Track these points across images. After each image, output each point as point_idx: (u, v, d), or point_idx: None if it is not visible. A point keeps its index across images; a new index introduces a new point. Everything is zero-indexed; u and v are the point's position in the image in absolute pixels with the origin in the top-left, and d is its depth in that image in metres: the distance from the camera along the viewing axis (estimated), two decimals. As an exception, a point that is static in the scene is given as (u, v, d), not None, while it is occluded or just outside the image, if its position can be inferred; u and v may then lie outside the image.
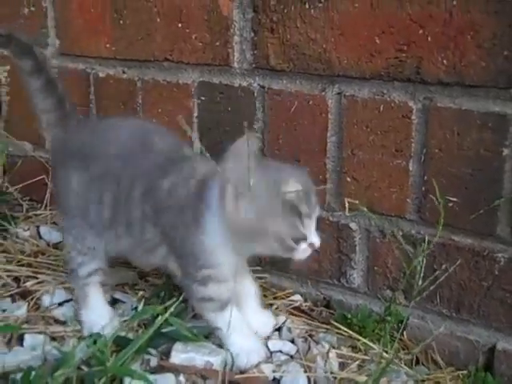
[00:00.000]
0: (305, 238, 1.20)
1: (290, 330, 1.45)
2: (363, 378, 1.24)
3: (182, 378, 1.24)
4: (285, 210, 1.16)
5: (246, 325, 1.33)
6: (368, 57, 1.34)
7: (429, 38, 1.26)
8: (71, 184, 1.37)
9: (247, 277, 1.40)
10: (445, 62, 1.25)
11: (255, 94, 1.53)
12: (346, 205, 1.38)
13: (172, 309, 1.27)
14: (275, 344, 1.39)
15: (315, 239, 1.22)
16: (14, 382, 1.13)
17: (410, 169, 1.35)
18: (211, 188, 1.22)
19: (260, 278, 1.59)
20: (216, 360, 1.28)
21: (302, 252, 1.22)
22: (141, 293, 1.55)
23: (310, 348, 1.37)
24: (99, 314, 1.41)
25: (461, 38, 1.22)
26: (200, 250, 1.24)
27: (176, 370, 1.26)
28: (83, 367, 1.20)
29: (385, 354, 1.31)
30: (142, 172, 1.30)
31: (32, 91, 1.48)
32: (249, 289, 1.40)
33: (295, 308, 1.54)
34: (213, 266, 1.25)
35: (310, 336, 1.43)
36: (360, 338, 1.40)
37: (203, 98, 1.62)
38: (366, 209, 1.36)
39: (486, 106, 1.23)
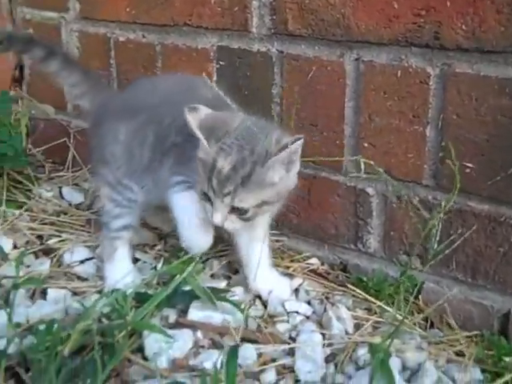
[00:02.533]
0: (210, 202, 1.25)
1: (307, 292, 1.48)
2: (377, 339, 1.27)
3: (199, 334, 1.28)
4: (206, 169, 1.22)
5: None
6: (386, 22, 1.34)
7: (448, 3, 1.25)
8: (118, 135, 1.44)
9: (258, 242, 1.42)
10: (464, 27, 1.25)
11: (273, 59, 1.53)
12: (362, 166, 1.38)
13: (190, 268, 1.30)
14: (292, 305, 1.41)
15: (215, 215, 1.24)
16: (37, 333, 1.16)
17: (427, 135, 1.35)
18: None
19: (277, 241, 1.62)
20: (233, 318, 1.32)
21: (207, 212, 1.27)
22: (160, 253, 1.60)
23: (325, 309, 1.40)
24: (122, 271, 1.44)
25: (480, 3, 1.22)
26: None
27: (193, 326, 1.29)
28: (104, 320, 1.23)
29: (399, 316, 1.34)
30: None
31: (53, 73, 1.58)
32: (259, 253, 1.42)
33: (312, 271, 1.57)
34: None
35: (326, 298, 1.45)
36: (375, 300, 1.43)
37: (222, 63, 1.63)
38: (381, 170, 1.37)
39: (504, 71, 1.23)
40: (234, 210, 1.23)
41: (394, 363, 1.21)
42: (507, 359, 1.22)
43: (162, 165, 1.38)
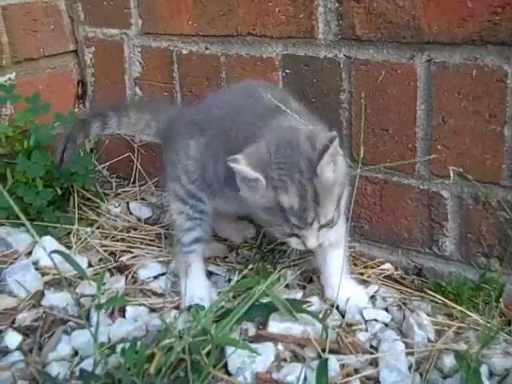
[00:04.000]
0: (298, 236, 1.23)
1: (384, 298, 1.45)
2: (462, 346, 1.24)
3: (280, 346, 1.27)
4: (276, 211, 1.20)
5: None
6: (459, 21, 1.31)
7: (525, -1, 1.23)
8: (190, 150, 1.45)
9: (334, 249, 1.41)
10: (542, 22, 1.22)
11: (341, 65, 1.52)
12: (451, 174, 1.37)
13: (269, 280, 1.30)
14: (370, 313, 1.39)
15: (309, 242, 1.23)
16: (123, 352, 1.17)
17: (505, 134, 1.32)
18: None
19: (349, 248, 1.59)
20: (312, 329, 1.31)
21: (295, 243, 1.25)
22: (232, 264, 1.60)
23: (404, 316, 1.37)
24: (199, 286, 1.45)
25: (559, -3, 1.19)
26: None
27: (274, 339, 1.28)
28: (185, 337, 1.23)
29: (482, 321, 1.31)
30: (245, 123, 1.35)
31: (117, 129, 1.67)
32: (337, 261, 1.40)
33: (386, 277, 1.55)
34: None
35: (404, 304, 1.43)
36: (455, 305, 1.40)
37: (288, 71, 1.62)
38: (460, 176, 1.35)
39: None
40: (322, 226, 1.23)
41: (482, 370, 1.18)
42: None
43: None
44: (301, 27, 1.56)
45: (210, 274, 1.56)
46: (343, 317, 1.39)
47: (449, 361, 1.22)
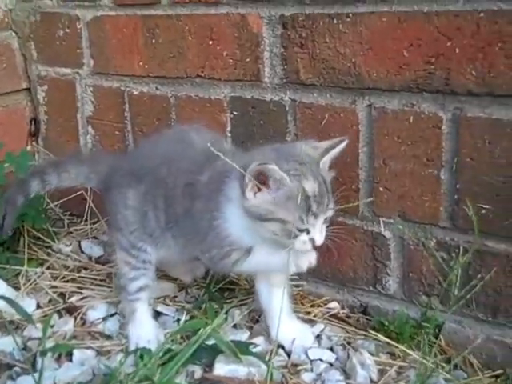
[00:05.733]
0: (307, 231, 1.26)
1: (329, 338, 1.48)
2: (403, 386, 1.27)
3: (226, 389, 1.29)
4: (297, 203, 1.22)
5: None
6: (397, 69, 1.37)
7: (457, 50, 1.28)
8: (128, 201, 1.47)
9: (279, 289, 1.42)
10: (473, 72, 1.27)
11: (286, 108, 1.56)
12: (381, 224, 1.43)
13: (214, 324, 1.31)
14: (315, 352, 1.42)
15: (318, 236, 1.27)
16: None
17: (442, 177, 1.37)
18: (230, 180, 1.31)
19: (297, 286, 1.62)
20: (258, 370, 1.32)
21: (302, 243, 1.27)
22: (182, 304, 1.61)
23: (348, 356, 1.40)
24: (145, 329, 1.46)
25: (489, 49, 1.24)
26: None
27: (220, 381, 1.30)
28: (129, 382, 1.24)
29: (424, 360, 1.34)
30: (182, 171, 1.39)
31: (57, 184, 1.65)
32: (280, 300, 1.42)
33: (332, 315, 1.57)
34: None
35: (349, 343, 1.45)
36: (397, 344, 1.43)
37: (236, 113, 1.66)
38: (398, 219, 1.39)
39: (515, 114, 1.25)
40: (325, 221, 1.29)
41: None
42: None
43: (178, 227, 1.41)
44: (247, 70, 1.60)
45: (158, 315, 1.57)
46: (289, 357, 1.41)
47: (389, 400, 1.25)
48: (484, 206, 1.32)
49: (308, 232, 1.26)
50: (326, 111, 1.50)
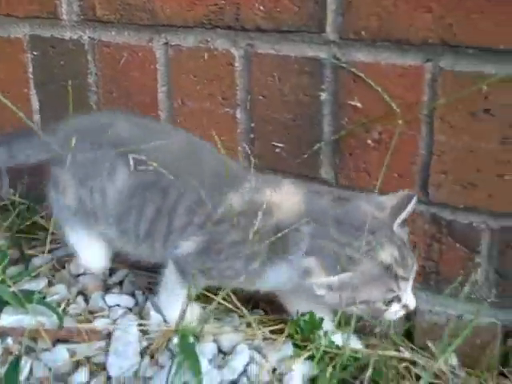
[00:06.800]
0: (399, 299, 1.12)
1: (132, 283, 1.45)
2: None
3: (9, 340, 1.23)
4: (380, 276, 1.08)
5: None
6: (189, 4, 1.32)
7: (244, -15, 1.25)
8: None
9: None
10: (261, 8, 1.25)
11: (86, 47, 1.48)
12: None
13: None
14: (113, 298, 1.38)
15: (410, 301, 1.13)
16: None
17: (238, 116, 1.35)
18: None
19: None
20: (49, 319, 1.27)
21: (394, 313, 1.13)
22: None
23: (147, 300, 1.37)
24: None
25: (272, -18, 1.22)
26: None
27: (4, 332, 1.24)
28: None
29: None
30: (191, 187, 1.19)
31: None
32: None
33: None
34: None
35: (150, 289, 1.42)
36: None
37: (36, 53, 1.56)
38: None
39: (302, 50, 1.24)
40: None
41: (209, 348, 1.21)
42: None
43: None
44: (44, 7, 1.50)
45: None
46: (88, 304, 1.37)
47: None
48: (277, 145, 1.32)
49: (399, 299, 1.12)
50: (124, 50, 1.44)
